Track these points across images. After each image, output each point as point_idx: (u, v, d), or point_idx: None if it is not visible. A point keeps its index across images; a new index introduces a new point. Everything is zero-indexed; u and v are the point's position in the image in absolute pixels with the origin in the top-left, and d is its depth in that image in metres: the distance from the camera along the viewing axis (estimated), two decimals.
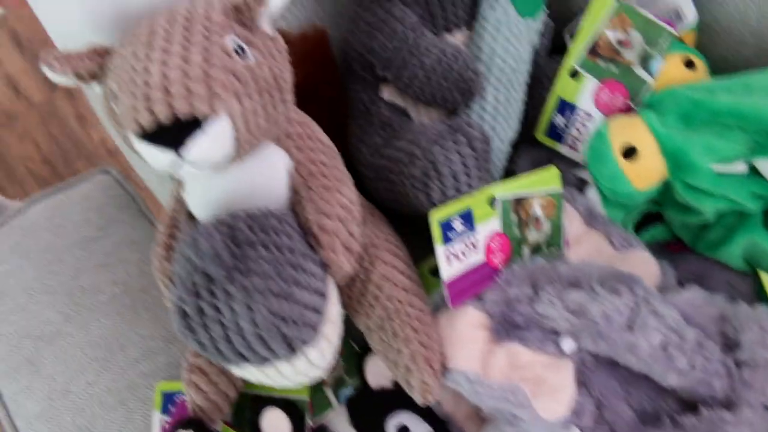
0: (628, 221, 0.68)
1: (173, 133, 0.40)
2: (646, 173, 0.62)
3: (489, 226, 0.60)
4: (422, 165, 0.57)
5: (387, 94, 0.66)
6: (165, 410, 0.66)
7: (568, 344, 0.57)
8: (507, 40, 0.63)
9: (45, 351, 0.73)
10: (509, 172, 0.70)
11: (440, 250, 0.57)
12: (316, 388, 0.65)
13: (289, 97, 0.49)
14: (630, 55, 0.64)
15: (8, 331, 0.75)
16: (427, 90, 0.62)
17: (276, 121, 0.47)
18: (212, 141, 0.41)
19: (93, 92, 0.52)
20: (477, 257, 0.60)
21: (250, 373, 0.47)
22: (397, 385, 0.64)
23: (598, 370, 0.58)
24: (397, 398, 0.65)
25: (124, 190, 0.85)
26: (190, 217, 0.52)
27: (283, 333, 0.43)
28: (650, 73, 0.64)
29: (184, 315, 0.43)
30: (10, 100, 1.65)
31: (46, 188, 1.49)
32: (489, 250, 0.61)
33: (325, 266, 0.48)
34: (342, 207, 0.51)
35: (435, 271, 0.67)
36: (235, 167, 0.48)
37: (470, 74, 0.61)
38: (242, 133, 0.43)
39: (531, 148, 0.72)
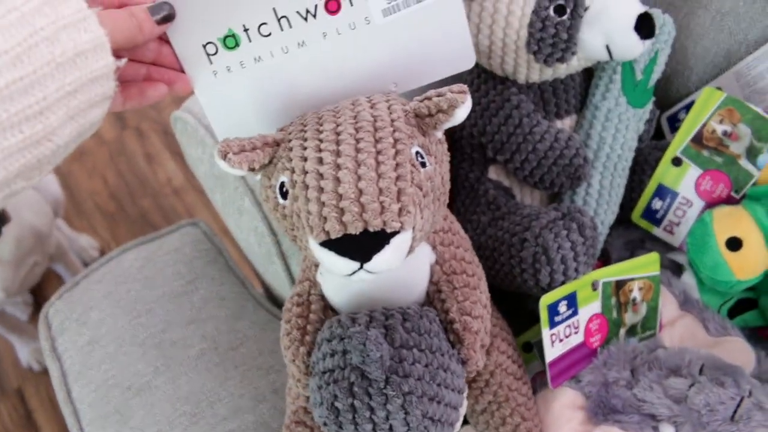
0: (723, 306, 0.68)
1: (362, 245, 0.41)
2: (750, 265, 0.62)
3: (590, 308, 0.61)
4: (533, 250, 0.58)
5: (494, 173, 0.67)
6: None
7: (667, 431, 0.57)
8: (616, 129, 0.65)
9: (133, 402, 0.75)
10: (603, 251, 0.71)
11: (546, 333, 0.58)
12: None
13: (447, 197, 0.50)
14: (736, 148, 0.65)
15: (99, 379, 0.77)
16: (537, 174, 0.63)
17: (437, 221, 0.48)
18: (395, 252, 0.42)
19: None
20: (577, 338, 0.61)
21: None
22: None
23: None
24: None
25: (212, 244, 0.87)
26: (323, 299, 0.53)
27: None
28: (756, 167, 0.64)
29: (335, 411, 0.44)
30: None
31: (118, 231, 1.53)
32: (588, 332, 0.61)
33: (463, 362, 0.49)
34: (482, 306, 0.52)
35: (526, 346, 0.67)
36: None
37: (580, 161, 0.62)
38: (416, 241, 0.44)
39: (624, 228, 0.72)
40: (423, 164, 0.45)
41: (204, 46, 0.50)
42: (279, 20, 0.49)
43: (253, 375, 0.75)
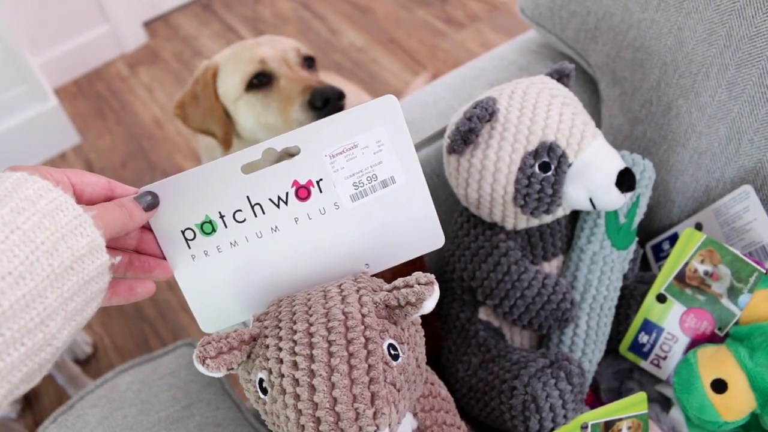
0: None
1: None
2: (736, 407, 0.63)
3: None
4: (522, 398, 0.59)
5: (484, 314, 0.69)
6: None
7: None
8: (602, 271, 0.67)
9: None
10: (592, 383, 0.72)
11: None
12: None
13: (424, 371, 0.51)
14: (718, 288, 0.67)
15: None
16: (525, 318, 0.65)
17: (414, 397, 0.49)
18: None
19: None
20: None
21: None
22: None
23: None
24: None
25: None
26: None
27: None
28: (738, 306, 0.66)
29: None
30: None
31: (113, 328, 1.53)
32: None
33: None
34: None
35: None
36: None
37: (567, 305, 0.64)
38: (393, 427, 0.46)
39: (613, 359, 0.74)
40: (396, 356, 0.47)
41: (183, 232, 0.52)
42: (253, 207, 0.52)
43: None
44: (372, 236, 0.54)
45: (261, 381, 0.47)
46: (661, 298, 0.69)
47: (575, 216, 0.70)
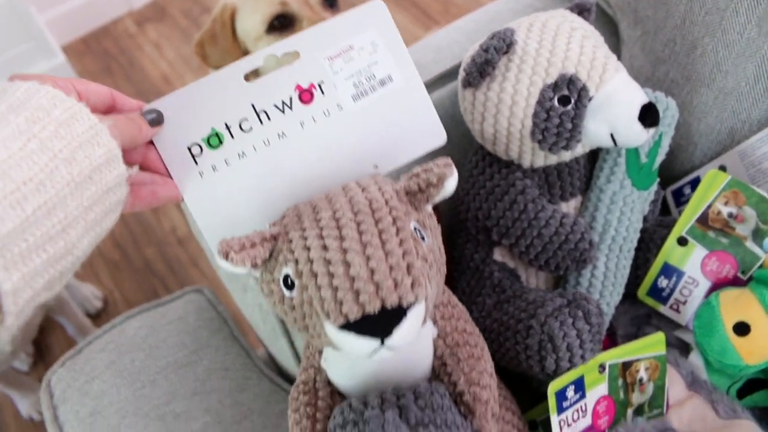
0: (731, 387, 0.67)
1: (381, 323, 0.42)
2: (759, 350, 0.62)
3: (597, 391, 0.61)
4: (538, 337, 0.58)
5: (499, 255, 0.68)
6: None
7: None
8: (621, 211, 0.65)
9: None
10: (609, 328, 0.71)
11: (555, 420, 0.57)
12: None
13: (445, 268, 0.51)
14: (742, 230, 0.65)
15: None
16: (542, 258, 0.63)
17: (439, 292, 0.49)
18: (412, 326, 0.42)
19: None
20: (585, 422, 0.60)
21: None
22: None
23: None
24: None
25: (216, 312, 0.87)
26: (329, 384, 0.53)
27: None
28: (763, 249, 0.64)
29: None
30: None
31: (121, 280, 1.53)
32: (596, 414, 0.61)
33: None
34: (489, 375, 0.53)
35: (531, 424, 0.67)
36: None
37: (585, 245, 0.62)
38: (428, 311, 0.45)
39: (631, 304, 0.72)
40: (422, 238, 0.46)
41: (189, 149, 0.52)
42: (258, 115, 0.52)
43: None
44: (377, 136, 0.54)
45: (286, 277, 0.45)
46: (682, 241, 0.67)
47: (594, 156, 0.67)
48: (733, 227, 0.65)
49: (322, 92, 0.53)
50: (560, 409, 0.58)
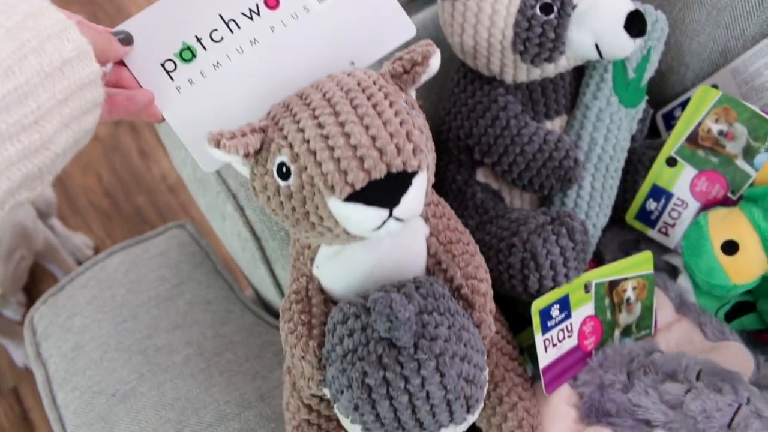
0: (720, 309, 0.66)
1: (388, 190, 0.41)
2: (747, 269, 0.60)
3: (583, 310, 0.59)
4: (521, 256, 0.56)
5: (482, 176, 0.66)
6: None
7: None
8: (608, 129, 0.62)
9: (118, 409, 0.73)
10: (596, 253, 0.69)
11: (540, 339, 0.56)
12: None
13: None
14: (733, 148, 0.62)
15: (83, 386, 0.75)
16: (526, 176, 0.61)
17: (430, 173, 0.48)
18: (417, 194, 0.42)
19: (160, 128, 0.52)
20: (571, 342, 0.59)
21: None
22: None
23: None
24: None
25: (199, 247, 0.86)
26: (322, 292, 0.52)
27: (467, 395, 0.44)
28: (754, 167, 0.62)
29: (367, 390, 0.43)
30: None
31: (113, 229, 1.52)
32: (582, 334, 0.60)
33: (476, 327, 0.49)
34: (485, 271, 0.52)
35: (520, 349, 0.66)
36: (383, 238, 0.48)
37: (570, 163, 0.60)
38: (429, 185, 0.44)
39: (619, 229, 0.71)
40: (412, 105, 0.46)
41: (163, 65, 0.51)
42: (227, 24, 0.52)
43: (238, 381, 0.73)
44: (348, 35, 0.54)
45: (281, 166, 0.44)
46: (671, 162, 0.65)
47: (581, 73, 0.65)
48: (723, 145, 0.63)
49: None
50: (545, 329, 0.56)
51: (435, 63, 0.47)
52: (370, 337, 0.43)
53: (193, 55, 0.52)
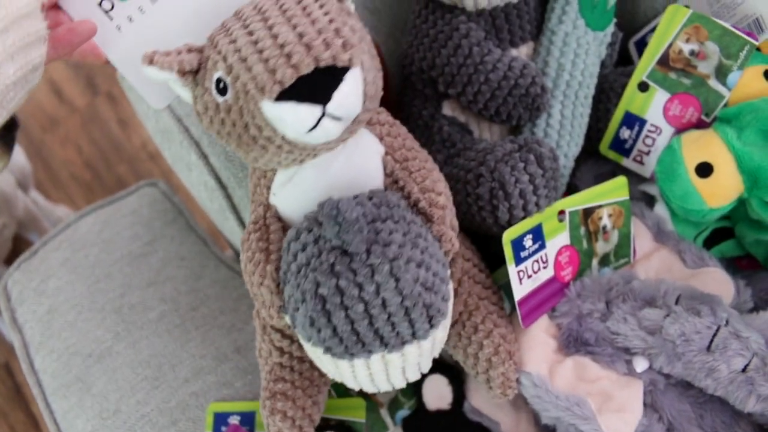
0: (698, 237, 0.65)
1: (319, 85, 0.40)
2: (722, 191, 0.59)
3: (558, 240, 0.58)
4: (489, 185, 0.55)
5: (448, 109, 0.64)
6: (217, 431, 0.65)
7: (640, 364, 0.56)
8: (575, 54, 0.60)
9: (95, 369, 0.72)
10: (571, 186, 0.68)
11: (513, 270, 0.55)
12: (372, 410, 0.64)
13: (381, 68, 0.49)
14: (705, 68, 0.61)
15: (59, 348, 0.74)
16: (492, 106, 0.59)
17: (378, 90, 0.47)
18: (351, 90, 0.41)
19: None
20: (547, 273, 0.58)
21: (356, 369, 0.46)
22: (454, 405, 0.62)
23: (669, 392, 0.56)
24: (453, 420, 0.63)
25: (171, 204, 0.84)
26: (280, 219, 0.51)
27: (426, 303, 0.43)
28: (726, 87, 0.60)
29: (321, 301, 0.42)
30: (53, 105, 1.65)
31: (95, 200, 1.50)
32: (558, 265, 0.59)
33: (437, 240, 0.48)
34: (444, 185, 0.51)
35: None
36: (334, 156, 0.48)
37: (537, 90, 0.58)
38: (369, 85, 0.43)
39: (594, 161, 0.69)
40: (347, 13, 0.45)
41: (100, 4, 0.50)
42: None
43: (214, 335, 0.72)
44: None
45: (218, 81, 0.44)
46: (642, 87, 0.63)
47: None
48: (695, 65, 0.61)
49: None
50: (518, 260, 0.55)
51: None
52: (323, 248, 0.43)
53: None
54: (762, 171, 0.57)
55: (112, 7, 0.50)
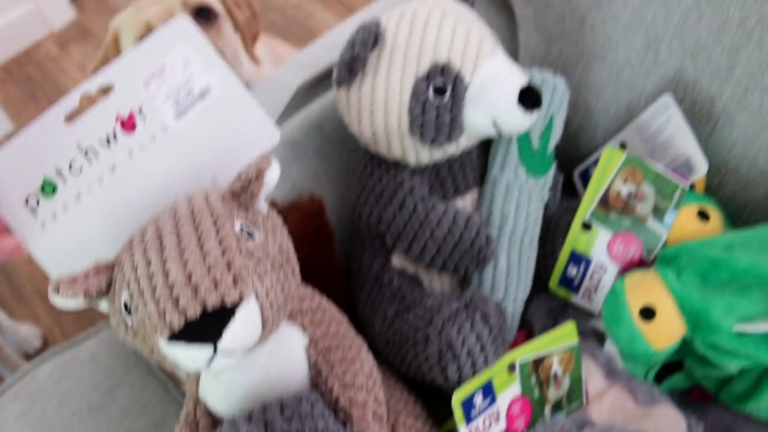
0: (649, 372, 0.65)
1: (207, 327, 0.40)
2: (666, 334, 0.59)
3: (509, 392, 0.58)
4: (437, 346, 0.55)
5: (398, 261, 0.64)
6: None
7: None
8: (518, 201, 0.62)
9: None
10: (523, 321, 0.68)
11: (464, 430, 0.55)
12: None
13: (297, 270, 0.49)
14: (642, 209, 0.62)
15: None
16: (438, 260, 0.60)
17: (290, 294, 0.47)
18: (244, 325, 0.41)
19: None
20: (499, 427, 0.58)
21: None
22: None
23: None
24: None
25: (131, 348, 0.83)
26: (209, 414, 0.51)
27: None
28: (664, 226, 0.62)
29: None
30: None
31: (60, 317, 1.48)
32: (510, 418, 0.58)
33: None
34: (366, 376, 0.51)
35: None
36: (257, 354, 0.47)
37: (482, 242, 0.59)
38: (266, 311, 0.43)
39: (546, 297, 0.70)
40: (250, 235, 0.45)
41: (26, 203, 0.50)
42: (85, 154, 0.52)
43: None
44: (209, 149, 0.54)
45: (125, 304, 0.44)
46: (586, 226, 0.65)
47: (488, 146, 0.65)
48: (633, 207, 0.63)
49: (144, 117, 0.52)
50: (468, 419, 0.55)
51: (271, 177, 0.47)
52: None
53: (54, 190, 0.51)
54: (702, 314, 0.58)
55: (38, 204, 0.51)
